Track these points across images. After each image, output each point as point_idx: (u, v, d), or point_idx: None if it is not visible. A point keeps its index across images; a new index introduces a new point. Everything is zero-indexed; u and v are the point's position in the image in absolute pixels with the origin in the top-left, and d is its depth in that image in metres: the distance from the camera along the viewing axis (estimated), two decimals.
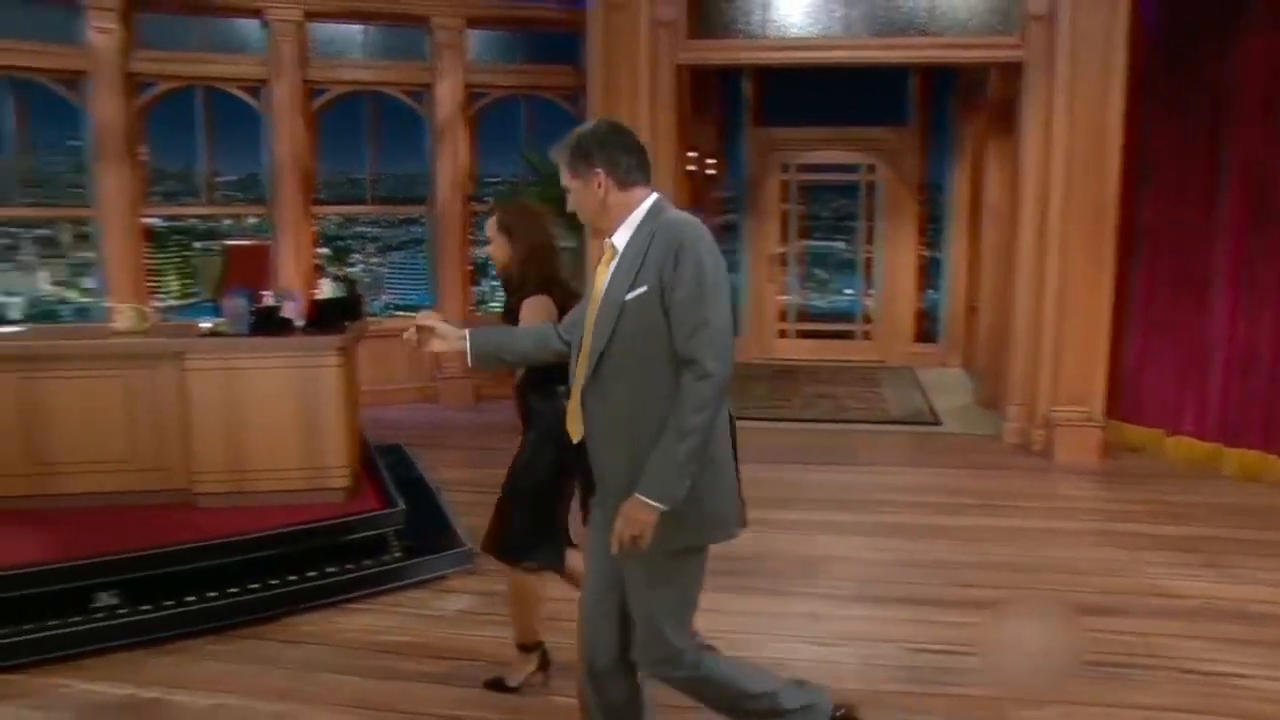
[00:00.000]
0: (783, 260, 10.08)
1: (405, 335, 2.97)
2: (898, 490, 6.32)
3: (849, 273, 10.43)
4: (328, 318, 5.13)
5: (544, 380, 3.61)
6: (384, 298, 9.56)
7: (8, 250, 8.34)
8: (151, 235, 8.00)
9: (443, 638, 4.30)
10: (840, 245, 10.44)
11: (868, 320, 10.10)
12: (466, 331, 2.99)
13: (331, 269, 8.44)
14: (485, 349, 3.01)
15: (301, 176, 7.90)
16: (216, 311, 5.24)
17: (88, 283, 8.86)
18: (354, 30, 8.08)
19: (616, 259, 2.70)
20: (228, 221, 9.27)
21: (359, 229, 9.29)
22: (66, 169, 8.38)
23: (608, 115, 7.01)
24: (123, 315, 5.14)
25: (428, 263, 8.75)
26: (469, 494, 5.98)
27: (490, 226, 3.76)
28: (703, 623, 2.88)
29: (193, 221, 8.82)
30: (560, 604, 3.89)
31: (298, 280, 7.36)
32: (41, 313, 8.68)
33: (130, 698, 3.85)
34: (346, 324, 5.20)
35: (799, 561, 5.13)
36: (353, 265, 9.20)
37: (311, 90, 7.92)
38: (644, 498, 2.55)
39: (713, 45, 7.27)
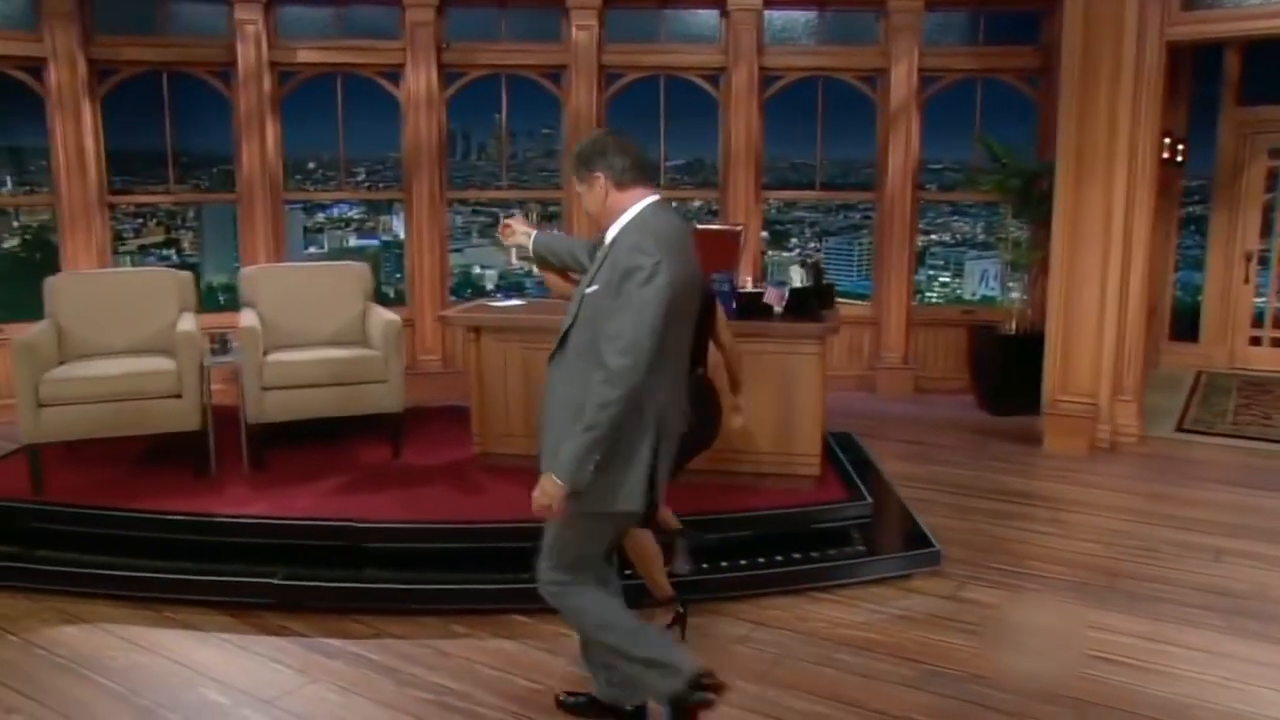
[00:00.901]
0: (1260, 258, 8.93)
1: (498, 232, 3.63)
2: None
3: None
4: (804, 305, 5.16)
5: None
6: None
7: (489, 227, 9.21)
8: None
9: (914, 640, 4.19)
10: None
11: None
12: (533, 230, 3.59)
13: (798, 255, 8.55)
14: (540, 245, 3.57)
15: (753, 161, 8.05)
16: None
17: None
18: (805, 17, 8.08)
19: (602, 251, 3.04)
20: (673, 204, 9.68)
21: (796, 213, 9.34)
22: (538, 154, 9.12)
23: (1078, 100, 6.58)
24: None
25: (870, 249, 8.64)
26: (919, 489, 5.85)
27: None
28: (1193, 667, 3.10)
29: None
30: None
31: (748, 265, 7.51)
32: (510, 284, 9.53)
33: None
34: (823, 312, 5.22)
35: None
36: (790, 250, 9.28)
37: (765, 77, 8.02)
38: (554, 475, 2.91)
39: (1214, 17, 6.51)
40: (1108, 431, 6.80)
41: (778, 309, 5.19)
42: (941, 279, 9.62)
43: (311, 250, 9.13)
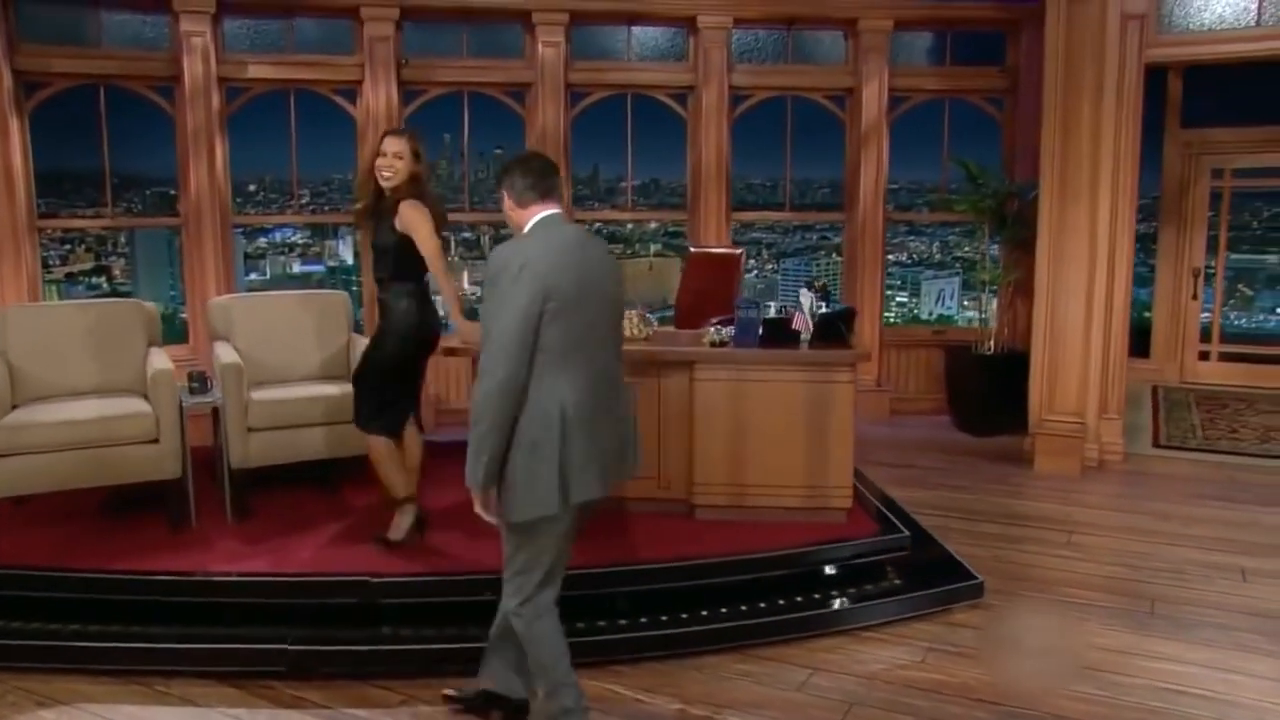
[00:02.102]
0: (1205, 275, 9.10)
1: None
2: None
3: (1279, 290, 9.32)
4: (830, 330, 4.93)
5: (395, 279, 4.50)
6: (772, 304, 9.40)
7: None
8: None
9: (979, 680, 3.99)
10: (1272, 259, 9.33)
11: None
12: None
13: (806, 278, 8.34)
14: None
15: (722, 182, 7.83)
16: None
17: None
18: (774, 37, 7.91)
19: None
20: (630, 226, 9.42)
21: (753, 234, 9.18)
22: (489, 176, 8.74)
23: (1061, 120, 6.56)
24: (624, 322, 5.13)
25: (828, 269, 8.52)
26: (929, 516, 5.68)
27: (400, 144, 4.43)
28: (1267, 697, 3.13)
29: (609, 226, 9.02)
30: None
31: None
32: (465, 312, 9.10)
33: (680, 713, 3.79)
34: (848, 337, 5.00)
35: None
36: (748, 271, 9.09)
37: (733, 96, 7.83)
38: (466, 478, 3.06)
39: (1190, 39, 6.58)
40: (1095, 450, 6.78)
41: (805, 335, 4.94)
42: (899, 299, 9.57)
43: (253, 277, 8.55)
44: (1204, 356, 9.09)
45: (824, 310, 4.99)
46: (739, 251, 6.01)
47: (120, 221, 7.55)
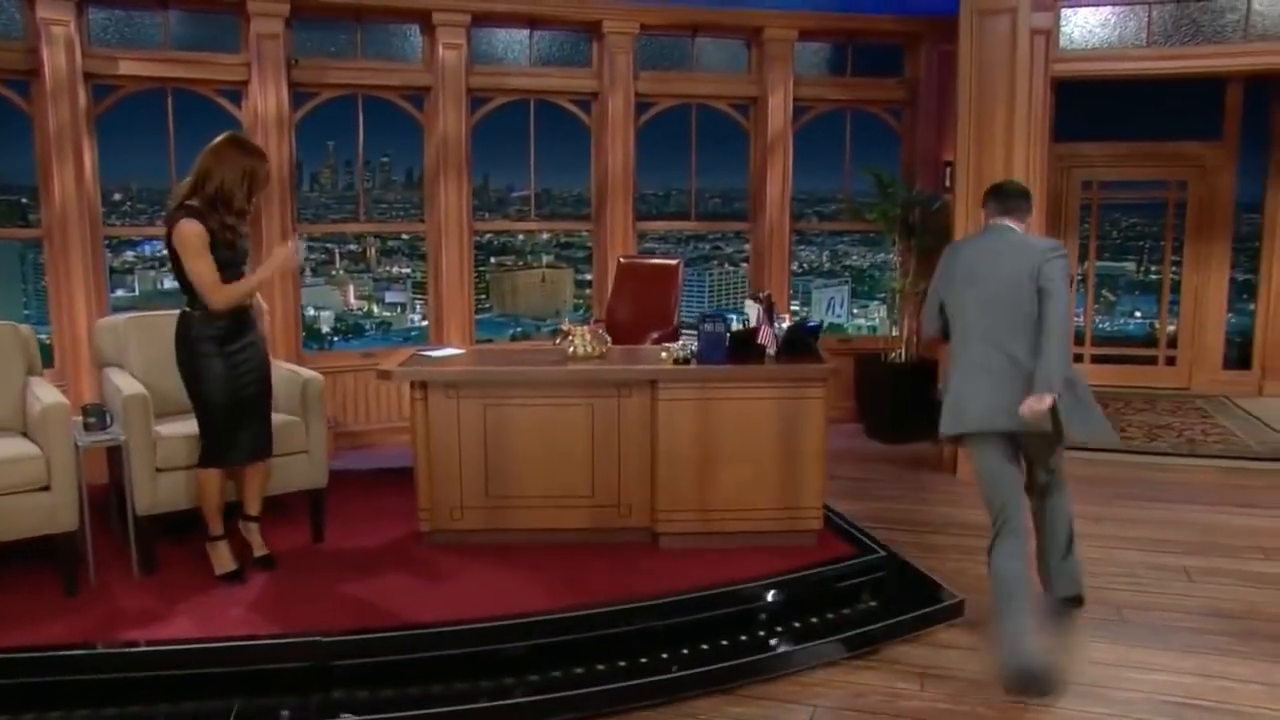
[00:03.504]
0: (1080, 282, 9.25)
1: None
2: None
3: (1137, 295, 9.57)
4: (796, 343, 4.56)
5: None
6: None
7: (322, 265, 8.02)
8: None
9: (987, 704, 3.70)
10: (1129, 266, 9.58)
11: (1171, 345, 9.21)
12: None
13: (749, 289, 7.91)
14: None
15: (628, 191, 7.40)
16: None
17: (390, 297, 8.55)
18: (684, 44, 7.54)
19: None
20: (520, 237, 8.89)
21: (646, 244, 8.78)
22: (375, 185, 8.08)
23: (975, 131, 6.43)
24: (578, 339, 4.63)
25: (721, 279, 8.23)
26: (882, 530, 5.37)
27: None
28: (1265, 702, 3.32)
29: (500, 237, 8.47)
30: None
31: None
32: (349, 327, 8.37)
33: None
34: (815, 350, 4.64)
35: None
36: None
37: (638, 104, 7.40)
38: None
39: (1091, 56, 6.59)
40: None
41: (771, 350, 4.56)
42: (791, 307, 9.35)
43: (120, 294, 7.56)
44: (1078, 359, 9.24)
45: (785, 322, 4.62)
46: (676, 262, 5.58)
47: None
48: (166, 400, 4.45)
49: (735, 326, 4.79)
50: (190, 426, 4.26)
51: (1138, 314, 9.59)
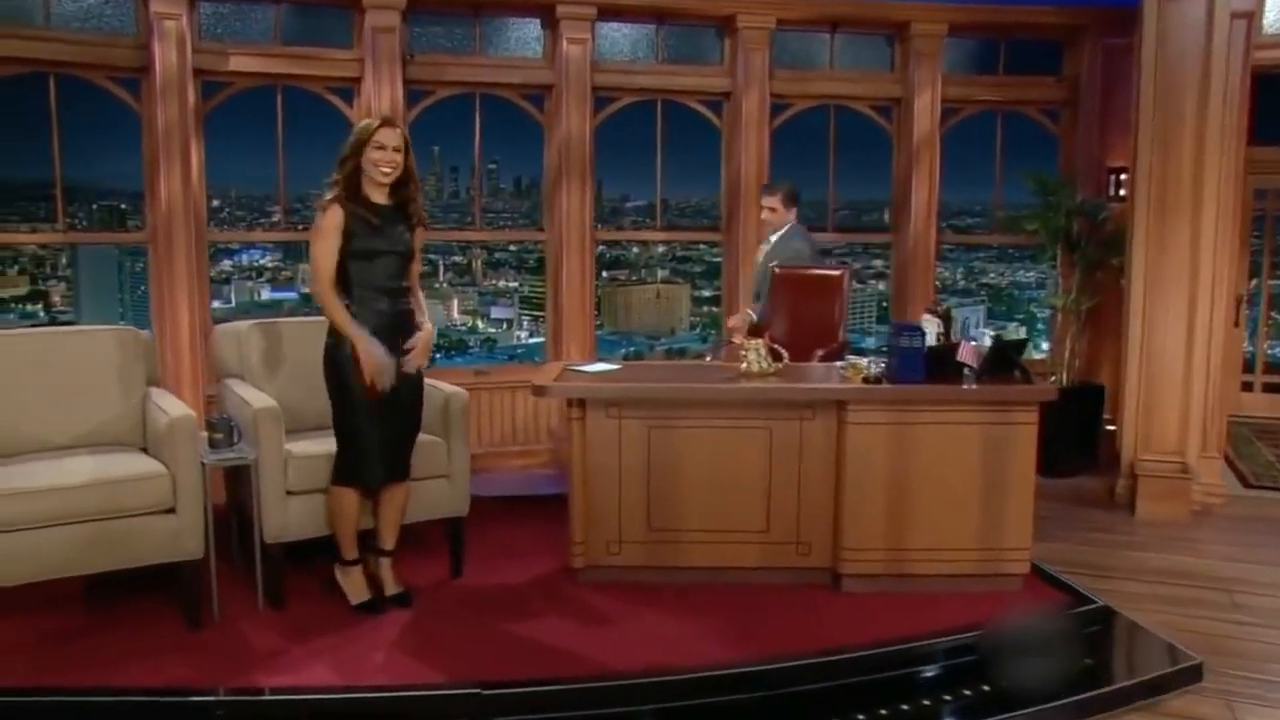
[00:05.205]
0: (1249, 301, 8.61)
1: None
2: None
3: None
4: (1003, 363, 4.10)
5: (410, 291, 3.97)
6: None
7: (426, 277, 7.74)
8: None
9: None
10: None
11: None
12: None
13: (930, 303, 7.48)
14: None
15: (757, 200, 6.97)
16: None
17: (496, 312, 8.24)
18: (821, 39, 7.15)
19: None
20: (635, 250, 8.56)
21: None
22: (483, 192, 7.78)
23: (1159, 133, 5.92)
24: (752, 353, 4.22)
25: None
26: (1075, 576, 4.84)
27: (397, 136, 3.83)
28: None
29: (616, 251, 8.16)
30: None
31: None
32: (452, 343, 8.07)
33: None
34: (1018, 372, 4.17)
35: None
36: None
37: (774, 105, 7.01)
38: None
39: None
40: (1199, 492, 6.08)
41: (972, 369, 4.10)
42: None
43: (216, 305, 7.34)
44: (1247, 387, 8.59)
45: (993, 338, 4.16)
46: (841, 271, 5.15)
47: (73, 237, 6.28)
48: (295, 415, 4.11)
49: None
50: (323, 445, 3.93)
51: None
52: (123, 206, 6.74)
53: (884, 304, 8.50)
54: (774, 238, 5.95)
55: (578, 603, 4.02)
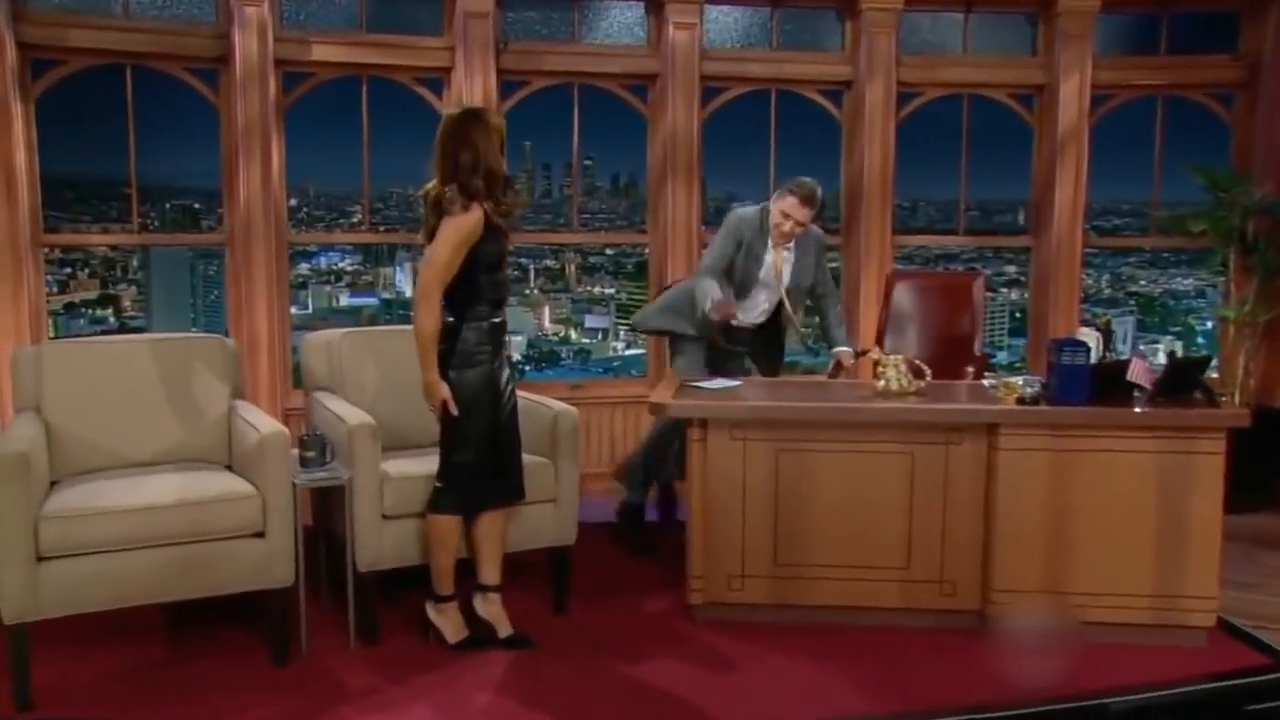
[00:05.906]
0: None
1: None
2: None
3: None
4: (1183, 383, 3.93)
5: None
6: None
7: (515, 282, 7.77)
8: None
9: None
10: None
11: None
12: None
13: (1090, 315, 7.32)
14: None
15: (886, 198, 6.86)
16: None
17: (590, 321, 8.23)
18: (954, 20, 7.01)
19: None
20: None
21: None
22: (579, 191, 7.80)
23: None
24: (891, 370, 4.12)
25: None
26: (1268, 632, 4.60)
27: None
28: None
29: None
30: None
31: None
32: (543, 354, 8.08)
33: None
34: (1200, 393, 4.00)
35: None
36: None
37: (900, 94, 6.89)
38: None
39: None
40: None
41: (1145, 389, 3.94)
42: None
43: (293, 311, 7.47)
44: None
45: (1168, 355, 4.00)
46: (973, 276, 4.99)
47: (147, 238, 6.44)
48: (390, 432, 4.13)
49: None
50: (421, 465, 3.94)
51: None
52: (196, 206, 6.90)
53: (1017, 314, 8.30)
54: (789, 252, 5.15)
55: (695, 644, 3.96)
